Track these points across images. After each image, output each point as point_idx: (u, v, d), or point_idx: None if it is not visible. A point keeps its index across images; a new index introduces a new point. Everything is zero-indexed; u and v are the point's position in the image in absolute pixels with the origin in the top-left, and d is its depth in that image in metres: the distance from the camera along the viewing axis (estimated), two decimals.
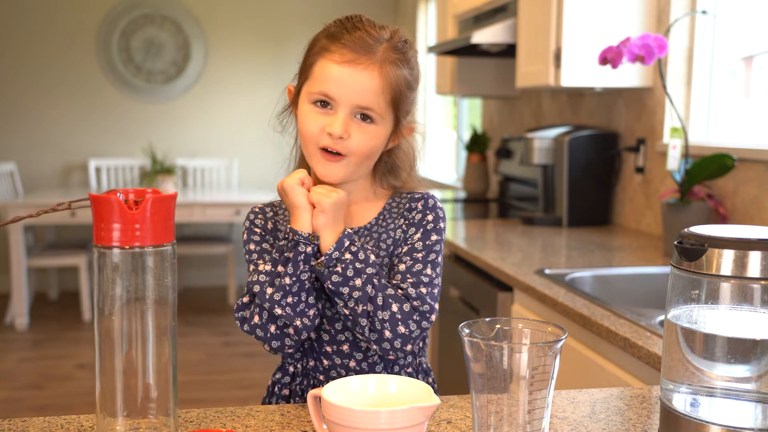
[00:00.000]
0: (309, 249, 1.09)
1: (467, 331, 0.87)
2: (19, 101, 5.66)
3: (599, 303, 1.71)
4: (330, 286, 1.10)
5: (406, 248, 1.16)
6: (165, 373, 0.91)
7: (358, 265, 1.10)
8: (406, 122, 1.19)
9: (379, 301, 1.10)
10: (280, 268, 1.11)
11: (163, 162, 5.20)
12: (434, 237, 1.17)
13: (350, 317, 1.11)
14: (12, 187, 5.34)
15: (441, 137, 5.44)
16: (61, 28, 5.67)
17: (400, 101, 1.14)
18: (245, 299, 1.14)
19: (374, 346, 1.11)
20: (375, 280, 1.10)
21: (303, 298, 1.10)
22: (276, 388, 1.23)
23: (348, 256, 1.10)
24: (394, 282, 1.14)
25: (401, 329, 1.09)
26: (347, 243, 1.10)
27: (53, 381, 3.96)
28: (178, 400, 0.93)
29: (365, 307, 1.10)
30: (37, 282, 5.63)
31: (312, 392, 0.92)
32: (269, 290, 1.10)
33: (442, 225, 1.19)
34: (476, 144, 4.13)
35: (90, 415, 1.03)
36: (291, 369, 1.22)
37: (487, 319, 0.91)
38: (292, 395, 1.21)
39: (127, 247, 0.86)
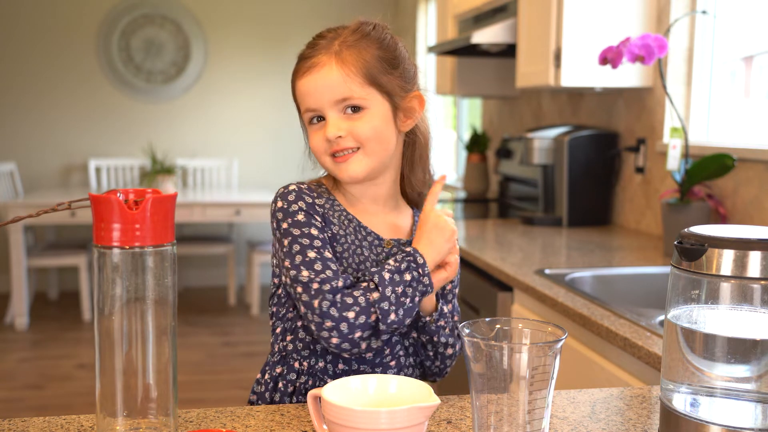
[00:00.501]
0: (429, 319, 1.19)
1: (467, 331, 0.87)
2: (19, 101, 5.66)
3: (599, 303, 1.71)
4: (439, 339, 1.21)
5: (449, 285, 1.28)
6: (165, 373, 0.91)
7: (450, 318, 1.22)
8: (409, 95, 1.17)
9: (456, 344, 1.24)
10: (407, 300, 1.12)
11: (163, 162, 5.20)
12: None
13: (447, 340, 1.22)
14: (12, 187, 5.34)
15: (441, 137, 5.44)
16: (61, 28, 5.67)
17: (377, 77, 1.13)
18: (340, 283, 1.09)
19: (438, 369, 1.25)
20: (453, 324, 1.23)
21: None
22: (281, 384, 1.20)
23: (446, 308, 1.21)
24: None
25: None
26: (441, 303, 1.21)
27: (53, 381, 3.96)
28: (178, 400, 0.93)
29: (451, 351, 1.23)
30: (37, 282, 5.63)
31: (312, 392, 0.92)
32: (392, 316, 1.10)
33: None
34: (476, 144, 4.13)
35: (90, 415, 1.03)
36: (296, 365, 1.19)
37: (487, 319, 0.91)
38: (296, 393, 1.19)
39: (127, 247, 0.86)
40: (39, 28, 5.63)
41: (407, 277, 1.11)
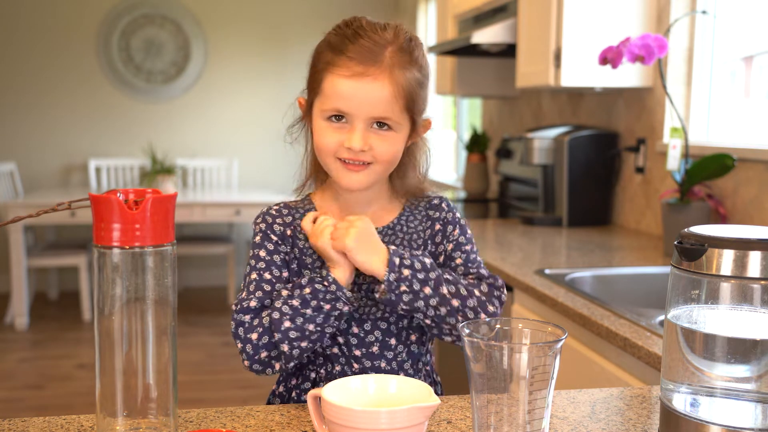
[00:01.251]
0: (346, 309, 1.10)
1: (467, 331, 0.87)
2: (19, 101, 5.66)
3: (599, 303, 1.71)
4: (405, 307, 1.10)
5: (451, 245, 1.20)
6: (165, 373, 0.91)
7: (420, 275, 1.10)
8: (423, 121, 1.18)
9: (463, 291, 1.12)
10: (308, 311, 1.08)
11: (163, 162, 5.20)
12: (467, 230, 1.23)
13: (433, 325, 1.12)
14: (12, 187, 5.34)
15: (441, 137, 5.44)
16: (61, 28, 5.67)
17: (414, 103, 1.12)
18: (252, 303, 1.12)
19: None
20: (444, 278, 1.12)
21: (316, 346, 1.11)
22: (294, 394, 1.20)
23: (406, 272, 1.09)
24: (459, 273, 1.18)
25: (490, 308, 1.14)
26: (398, 261, 1.09)
27: (53, 381, 3.96)
28: (178, 400, 0.93)
29: (449, 307, 1.10)
30: (37, 282, 5.63)
31: (312, 392, 0.92)
32: (287, 324, 1.08)
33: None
34: (476, 144, 4.13)
35: (90, 415, 1.03)
36: (313, 375, 1.19)
37: (487, 319, 0.91)
38: None
39: (127, 247, 0.86)
40: (39, 28, 5.63)
41: (306, 287, 1.10)
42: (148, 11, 5.76)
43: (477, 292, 1.13)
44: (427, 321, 1.12)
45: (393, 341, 1.17)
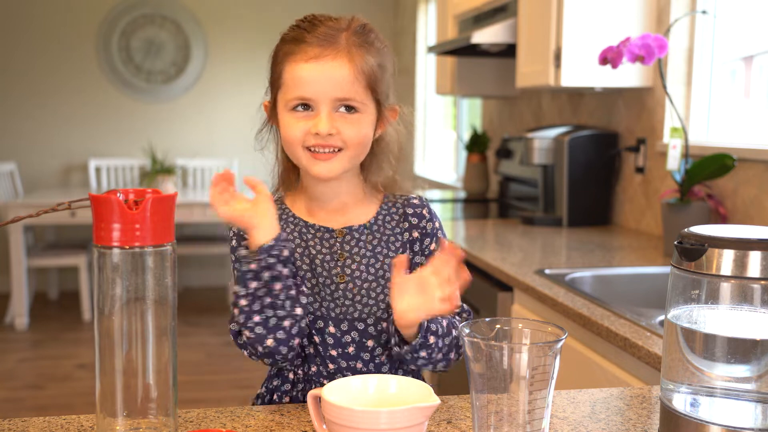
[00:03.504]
0: (253, 266, 1.07)
1: (467, 331, 0.87)
2: (19, 101, 5.66)
3: (599, 303, 1.71)
4: (411, 366, 1.14)
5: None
6: (165, 373, 0.91)
7: (439, 342, 1.08)
8: (389, 106, 1.17)
9: (452, 340, 1.11)
10: (242, 296, 1.08)
11: (163, 162, 5.20)
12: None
13: (430, 364, 1.12)
14: (12, 187, 5.34)
15: (441, 137, 5.43)
16: (61, 28, 5.67)
17: (375, 84, 1.12)
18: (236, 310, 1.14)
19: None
20: (447, 339, 1.11)
21: (282, 329, 1.08)
22: (275, 396, 1.20)
23: (432, 339, 1.07)
24: None
25: (452, 356, 1.13)
26: (427, 323, 1.07)
27: (53, 381, 3.96)
28: (178, 400, 0.93)
29: (447, 353, 1.11)
30: (37, 282, 5.63)
31: (312, 392, 0.92)
32: (242, 319, 1.09)
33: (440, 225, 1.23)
34: (476, 144, 4.13)
35: (90, 415, 1.03)
36: (291, 376, 1.19)
37: (487, 319, 0.91)
38: (293, 401, 1.18)
39: (127, 247, 0.86)
40: (39, 28, 5.63)
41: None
42: (148, 11, 5.76)
43: (455, 332, 1.12)
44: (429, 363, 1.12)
45: (370, 342, 1.16)
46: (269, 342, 1.08)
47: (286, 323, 1.08)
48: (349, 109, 1.11)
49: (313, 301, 1.16)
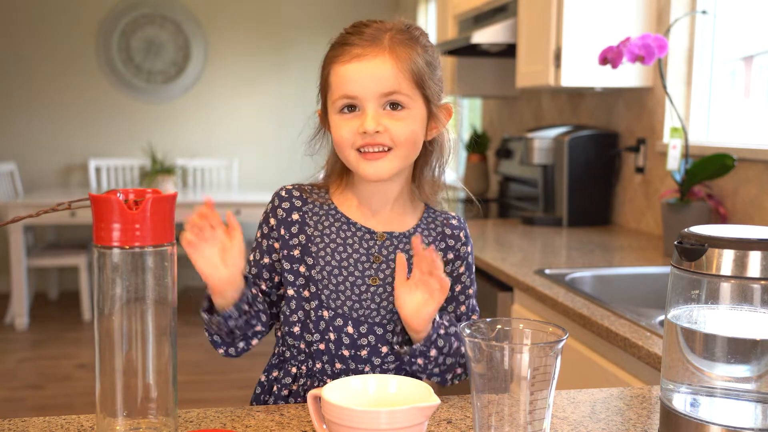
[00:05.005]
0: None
1: (468, 331, 0.87)
2: (19, 101, 5.66)
3: (599, 303, 1.71)
4: (405, 367, 1.16)
5: (459, 287, 1.21)
6: (165, 373, 0.91)
7: (440, 359, 1.13)
8: (441, 105, 1.17)
9: (455, 362, 1.16)
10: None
11: (163, 162, 5.20)
12: (473, 267, 1.24)
13: (424, 373, 1.15)
14: (12, 187, 5.34)
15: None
16: (61, 28, 5.66)
17: (422, 80, 1.12)
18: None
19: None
20: (454, 350, 1.14)
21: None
22: (275, 388, 1.20)
23: (433, 352, 1.12)
24: (457, 315, 1.21)
25: (458, 370, 1.18)
26: (434, 336, 1.11)
27: (53, 381, 3.96)
28: (178, 400, 0.93)
29: (444, 371, 1.15)
30: (37, 282, 5.63)
31: (312, 392, 0.92)
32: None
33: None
34: (476, 144, 4.13)
35: (90, 415, 1.03)
36: (294, 370, 1.19)
37: (488, 320, 0.91)
38: (292, 395, 1.19)
39: (127, 247, 0.86)
40: (39, 28, 5.62)
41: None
42: (148, 11, 5.76)
43: (458, 370, 1.16)
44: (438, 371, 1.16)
45: (384, 349, 1.17)
46: (221, 351, 1.16)
47: (241, 344, 1.15)
48: (395, 106, 1.10)
49: (336, 298, 1.16)
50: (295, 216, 1.18)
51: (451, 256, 1.21)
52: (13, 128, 5.68)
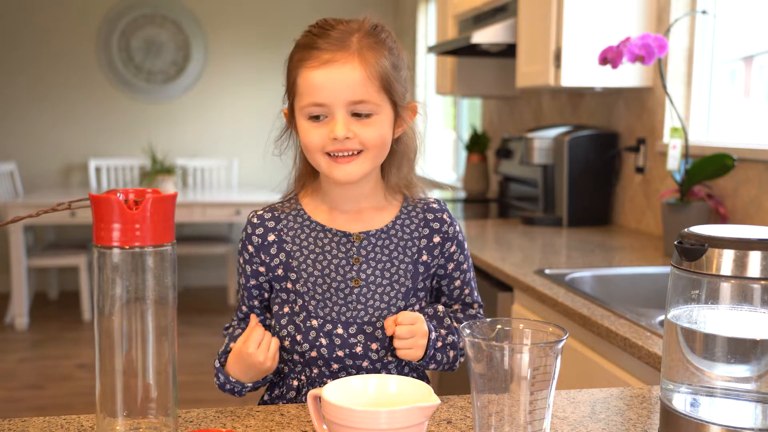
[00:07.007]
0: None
1: (468, 331, 0.87)
2: (18, 101, 5.66)
3: (599, 303, 1.71)
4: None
5: (452, 265, 1.23)
6: (165, 373, 0.91)
7: (438, 356, 1.18)
8: (406, 104, 1.17)
9: (452, 356, 1.21)
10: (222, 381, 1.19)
11: (163, 162, 5.20)
12: (465, 244, 1.25)
13: (446, 366, 1.20)
14: (12, 187, 5.34)
15: (441, 137, 5.43)
16: (61, 28, 5.66)
17: (390, 85, 1.12)
18: (234, 322, 1.26)
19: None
20: (456, 342, 1.20)
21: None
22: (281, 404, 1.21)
23: (438, 357, 1.17)
24: (454, 295, 1.25)
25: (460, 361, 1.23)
26: (431, 351, 1.16)
27: (53, 381, 3.96)
28: (178, 400, 0.93)
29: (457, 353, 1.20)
30: (37, 282, 5.63)
31: (312, 392, 0.92)
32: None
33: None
34: (476, 144, 4.13)
35: (90, 415, 1.03)
36: (295, 383, 1.19)
37: (488, 320, 0.91)
38: None
39: (127, 247, 0.86)
40: (39, 28, 5.62)
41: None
42: (148, 11, 5.76)
43: (462, 358, 1.21)
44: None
45: (375, 345, 1.17)
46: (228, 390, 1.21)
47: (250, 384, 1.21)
48: (365, 113, 1.11)
49: (323, 306, 1.16)
50: (271, 237, 1.19)
51: (437, 239, 1.21)
52: (13, 128, 5.68)
